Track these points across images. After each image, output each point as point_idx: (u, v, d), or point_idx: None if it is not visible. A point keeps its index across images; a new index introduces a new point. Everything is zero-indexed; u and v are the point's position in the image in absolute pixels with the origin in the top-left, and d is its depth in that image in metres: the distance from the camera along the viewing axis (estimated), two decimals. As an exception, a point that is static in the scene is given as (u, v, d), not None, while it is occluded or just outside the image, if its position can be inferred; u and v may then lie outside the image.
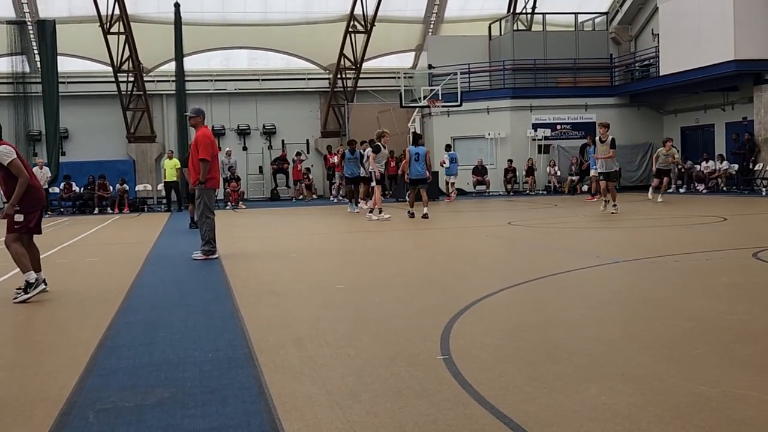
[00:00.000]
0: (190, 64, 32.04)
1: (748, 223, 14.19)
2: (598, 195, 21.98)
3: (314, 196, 32.00)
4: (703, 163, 27.60)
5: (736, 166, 26.07)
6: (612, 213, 16.82)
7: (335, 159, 29.36)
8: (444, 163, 27.13)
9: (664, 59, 27.88)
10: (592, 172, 23.43)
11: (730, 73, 25.04)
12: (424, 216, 17.06)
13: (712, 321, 5.69)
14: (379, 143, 18.29)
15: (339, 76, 33.25)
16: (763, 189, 24.18)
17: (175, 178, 24.70)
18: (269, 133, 33.89)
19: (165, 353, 5.26)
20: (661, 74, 28.29)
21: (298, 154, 31.64)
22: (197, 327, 6.12)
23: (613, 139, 17.14)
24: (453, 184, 27.12)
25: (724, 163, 26.88)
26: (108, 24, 29.63)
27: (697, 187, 27.16)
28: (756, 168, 25.26)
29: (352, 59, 32.76)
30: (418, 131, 29.74)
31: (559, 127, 30.50)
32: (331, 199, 29.63)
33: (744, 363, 4.49)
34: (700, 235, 12.27)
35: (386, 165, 22.87)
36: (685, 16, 26.32)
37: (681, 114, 30.61)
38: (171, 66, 31.47)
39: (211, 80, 33.51)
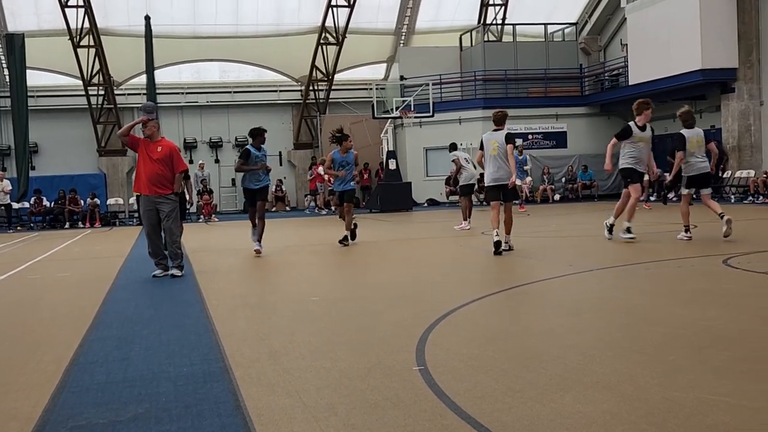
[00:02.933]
0: (161, 76, 31.91)
1: (717, 230, 14.34)
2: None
3: (287, 208, 31.93)
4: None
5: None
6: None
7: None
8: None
9: (633, 69, 28.20)
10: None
11: (697, 83, 25.37)
12: (342, 241, 13.92)
13: (685, 327, 5.75)
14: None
15: (311, 87, 33.27)
16: (732, 196, 24.48)
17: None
18: (242, 145, 33.71)
19: (139, 368, 5.21)
20: (630, 84, 28.61)
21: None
22: (171, 341, 6.07)
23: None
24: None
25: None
26: (78, 37, 29.44)
27: (668, 195, 27.42)
28: (724, 176, 25.58)
29: (324, 71, 32.81)
30: (391, 145, 29.82)
31: (530, 136, 30.71)
32: (316, 211, 29.32)
33: (717, 368, 4.54)
34: (671, 243, 12.39)
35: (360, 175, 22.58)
36: (653, 26, 26.65)
37: (652, 122, 30.87)
38: (142, 79, 31.32)
39: (183, 93, 33.38)
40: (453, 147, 18.30)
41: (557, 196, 30.00)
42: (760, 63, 24.88)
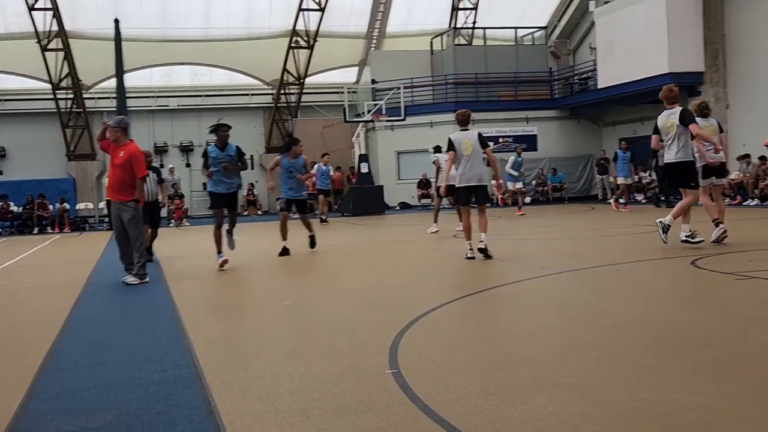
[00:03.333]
0: (131, 80, 31.64)
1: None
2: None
3: (259, 212, 31.80)
4: (642, 174, 28.17)
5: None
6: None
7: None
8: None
9: (602, 72, 28.45)
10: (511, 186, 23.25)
11: (665, 86, 25.60)
12: (282, 252, 12.98)
13: (655, 328, 5.81)
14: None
15: (282, 91, 33.20)
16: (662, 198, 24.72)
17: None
18: (213, 149, 33.58)
19: (110, 375, 5.17)
20: (599, 87, 28.86)
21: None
22: (143, 347, 6.03)
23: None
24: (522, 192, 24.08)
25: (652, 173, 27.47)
26: (46, 40, 29.13)
27: (637, 198, 27.71)
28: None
29: (296, 74, 32.75)
30: (363, 149, 29.81)
31: (501, 140, 30.85)
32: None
33: (687, 368, 4.59)
34: (640, 244, 12.51)
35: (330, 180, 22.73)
36: (621, 30, 26.90)
37: (619, 126, 31.24)
38: (111, 82, 31.01)
39: (153, 97, 33.15)
40: (437, 149, 18.06)
41: (528, 199, 30.16)
42: (725, 67, 25.21)
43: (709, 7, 25.03)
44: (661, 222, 11.02)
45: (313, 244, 13.54)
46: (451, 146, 11.00)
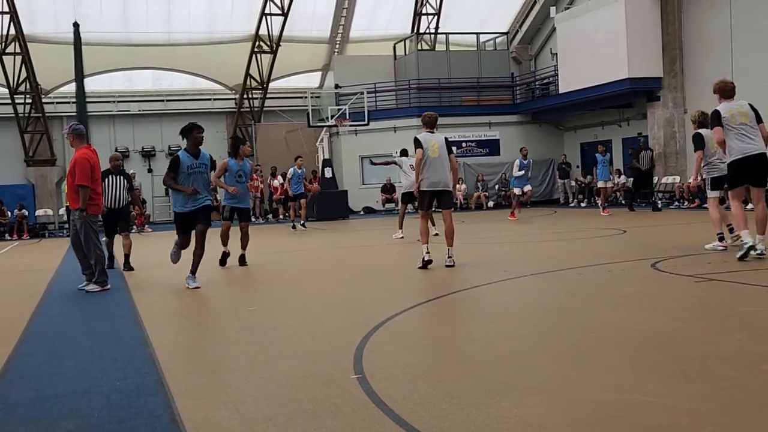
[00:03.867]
0: (92, 85, 31.28)
1: (645, 235, 14.72)
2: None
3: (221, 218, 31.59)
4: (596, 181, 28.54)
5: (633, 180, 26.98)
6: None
7: (277, 181, 28.60)
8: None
9: (563, 78, 28.74)
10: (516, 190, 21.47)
11: (624, 91, 25.98)
12: (223, 260, 12.41)
13: (617, 330, 5.87)
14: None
15: (245, 96, 33.04)
16: (659, 202, 25.10)
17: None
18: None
19: (70, 383, 5.10)
20: (560, 92, 29.15)
21: None
22: (104, 355, 5.96)
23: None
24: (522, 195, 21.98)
25: (622, 177, 27.84)
26: (3, 44, 28.67)
27: (597, 201, 28.00)
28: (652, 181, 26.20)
29: (259, 79, 32.61)
30: (326, 154, 29.76)
31: (464, 144, 31.01)
32: (252, 219, 28.90)
33: (648, 370, 4.65)
34: (601, 248, 12.65)
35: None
36: (582, 36, 27.20)
37: (580, 130, 31.57)
38: (71, 87, 30.68)
39: (114, 101, 32.78)
40: (404, 153, 17.95)
41: (491, 203, 30.36)
42: (683, 72, 25.60)
43: (667, 14, 25.43)
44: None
45: (243, 261, 12.31)
46: (419, 144, 10.39)
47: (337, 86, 31.53)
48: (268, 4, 31.02)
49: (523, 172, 21.11)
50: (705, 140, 10.93)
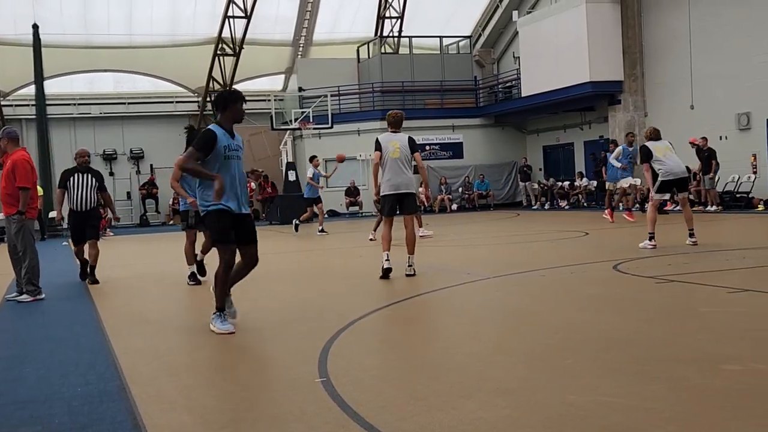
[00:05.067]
0: (52, 87, 30.84)
1: (607, 237, 14.88)
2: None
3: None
4: (567, 182, 28.81)
5: (595, 183, 27.30)
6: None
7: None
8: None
9: (525, 81, 28.95)
10: (623, 182, 18.80)
11: (586, 94, 26.26)
12: (193, 278, 10.52)
13: (580, 332, 5.93)
14: None
15: (208, 99, 32.81)
16: (621, 204, 25.36)
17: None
18: (137, 157, 33.02)
19: (30, 390, 5.02)
20: (522, 95, 29.37)
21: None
22: (65, 361, 5.88)
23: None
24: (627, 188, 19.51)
25: (584, 179, 28.13)
26: (-40, 46, 28.20)
27: (560, 203, 28.29)
28: (614, 184, 26.49)
29: (221, 82, 32.41)
30: (290, 157, 29.67)
31: (428, 147, 31.09)
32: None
33: (611, 371, 4.70)
34: (564, 250, 12.76)
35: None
36: (544, 40, 27.44)
37: (543, 133, 31.84)
38: (31, 89, 30.20)
39: (75, 104, 32.37)
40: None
41: (455, 206, 30.49)
42: (643, 76, 25.95)
43: (628, 18, 25.75)
44: None
45: (201, 270, 10.65)
46: (378, 147, 9.89)
47: (300, 89, 31.45)
48: (230, 6, 30.86)
49: (621, 164, 18.40)
50: (651, 149, 11.90)
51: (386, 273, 9.72)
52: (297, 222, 20.39)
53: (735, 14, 22.09)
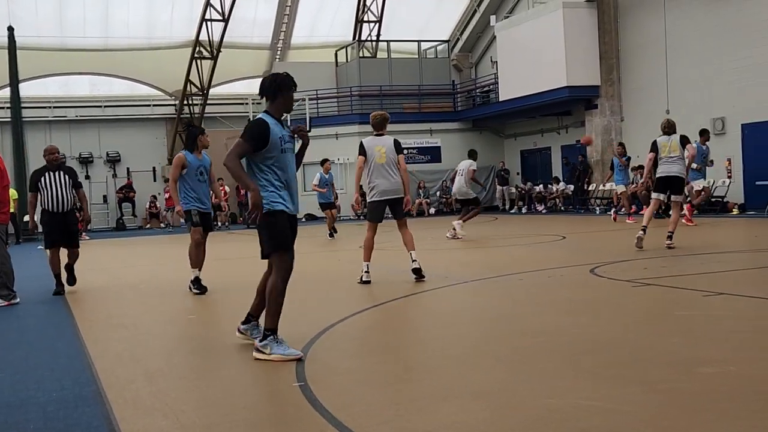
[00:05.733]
0: (27, 90, 30.58)
1: (584, 241, 14.96)
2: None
3: (162, 225, 31.16)
4: (542, 185, 28.95)
5: (572, 187, 27.47)
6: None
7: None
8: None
9: (503, 85, 29.08)
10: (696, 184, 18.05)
11: (563, 99, 26.41)
12: (198, 288, 9.66)
13: (558, 335, 5.95)
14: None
15: (185, 102, 32.66)
16: (597, 208, 25.56)
17: (13, 210, 23.43)
18: (113, 161, 32.78)
19: (4, 395, 4.97)
20: (500, 99, 29.49)
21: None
22: (40, 365, 5.82)
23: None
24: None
25: (561, 184, 28.29)
26: (-67, 48, 27.90)
27: (537, 208, 28.41)
28: (589, 188, 26.69)
29: (199, 85, 32.28)
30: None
31: (406, 151, 30.98)
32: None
33: (589, 374, 4.72)
34: (541, 254, 12.81)
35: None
36: (521, 44, 27.57)
37: (520, 137, 31.97)
38: (5, 92, 29.93)
39: (50, 107, 32.09)
40: (472, 154, 18.36)
41: (432, 210, 30.54)
42: (620, 81, 26.13)
43: (604, 24, 25.94)
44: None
45: (199, 286, 9.69)
46: (362, 150, 9.58)
47: (278, 92, 31.32)
48: (208, 9, 30.75)
49: (698, 164, 17.37)
50: (658, 145, 12.01)
51: (365, 282, 9.46)
52: (330, 232, 19.40)
53: (709, 20, 22.31)
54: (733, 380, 4.43)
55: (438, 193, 31.21)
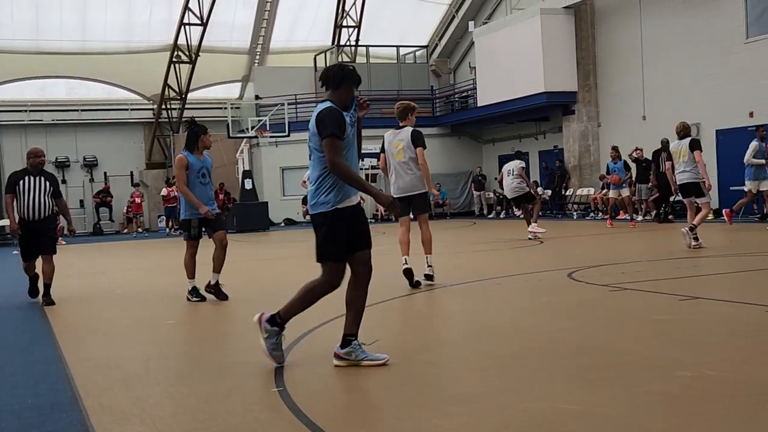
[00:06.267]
0: (2, 93, 30.35)
1: (562, 245, 15.04)
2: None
3: (139, 230, 30.96)
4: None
5: (550, 192, 27.60)
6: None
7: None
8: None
9: (481, 91, 29.18)
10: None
11: (541, 105, 26.55)
12: (197, 296, 9.14)
13: (536, 339, 5.97)
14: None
15: (163, 106, 32.51)
16: (574, 213, 25.70)
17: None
18: (90, 165, 32.55)
19: (-21, 402, 4.91)
20: (478, 105, 29.59)
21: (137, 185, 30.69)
22: (15, 372, 5.76)
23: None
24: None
25: (539, 189, 28.40)
26: None
27: (515, 212, 28.51)
28: (567, 193, 26.85)
29: (177, 89, 32.15)
30: (247, 165, 29.51)
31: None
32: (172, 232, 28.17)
33: (568, 377, 4.74)
34: (520, 258, 12.86)
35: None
36: (499, 50, 27.69)
37: (498, 143, 32.10)
38: (-20, 96, 29.70)
39: (26, 111, 31.81)
40: (518, 154, 18.11)
41: (411, 215, 30.54)
42: (597, 87, 26.32)
43: (581, 30, 26.12)
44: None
45: (217, 291, 9.22)
46: (382, 147, 9.63)
47: (257, 97, 31.31)
48: (186, 13, 30.64)
49: (762, 160, 16.44)
50: (671, 151, 12.66)
51: (409, 276, 9.28)
52: None
53: (685, 27, 22.52)
54: (710, 383, 4.47)
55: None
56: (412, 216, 9.63)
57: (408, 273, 9.23)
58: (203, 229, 9.28)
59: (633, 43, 24.36)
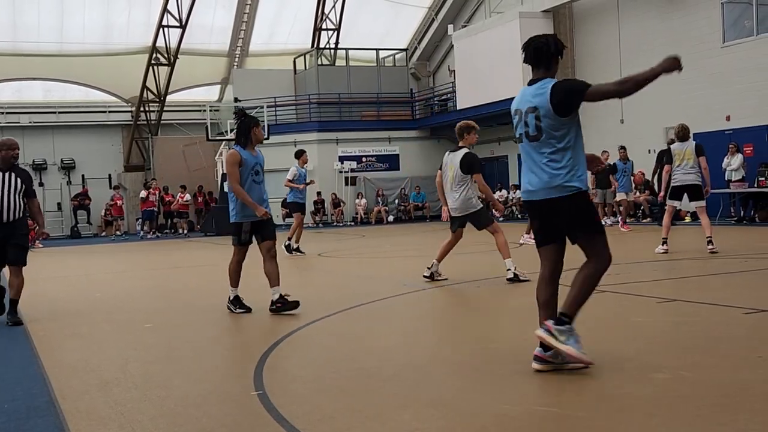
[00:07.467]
0: (-23, 95, 30.09)
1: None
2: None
3: (118, 233, 30.76)
4: (497, 193, 29.13)
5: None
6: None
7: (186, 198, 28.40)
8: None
9: (461, 94, 29.28)
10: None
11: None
12: (240, 306, 8.41)
13: (514, 342, 5.99)
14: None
15: (142, 108, 32.36)
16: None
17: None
18: (68, 168, 32.34)
19: (-45, 407, 4.86)
20: (458, 108, 29.67)
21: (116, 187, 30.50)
22: (-9, 376, 5.71)
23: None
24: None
25: (518, 192, 28.52)
26: None
27: (495, 215, 28.60)
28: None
29: (156, 92, 32.01)
30: (225, 167, 29.43)
31: (364, 159, 31.20)
32: (149, 236, 28.13)
33: (545, 380, 4.76)
34: (498, 261, 12.87)
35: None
36: (478, 53, 27.79)
37: (477, 146, 31.88)
38: (-44, 97, 29.43)
39: (2, 113, 31.57)
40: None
41: (391, 218, 30.61)
42: (576, 90, 26.45)
43: (560, 33, 26.22)
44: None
45: (283, 303, 8.07)
46: (441, 165, 10.11)
47: (236, 99, 31.18)
48: (165, 15, 30.52)
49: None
50: (672, 153, 12.21)
51: (430, 277, 9.97)
52: (288, 243, 15.66)
53: (662, 31, 22.71)
54: (686, 385, 4.51)
55: (396, 201, 31.28)
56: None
57: (510, 280, 9.51)
58: (253, 235, 8.39)
59: (611, 46, 24.53)
